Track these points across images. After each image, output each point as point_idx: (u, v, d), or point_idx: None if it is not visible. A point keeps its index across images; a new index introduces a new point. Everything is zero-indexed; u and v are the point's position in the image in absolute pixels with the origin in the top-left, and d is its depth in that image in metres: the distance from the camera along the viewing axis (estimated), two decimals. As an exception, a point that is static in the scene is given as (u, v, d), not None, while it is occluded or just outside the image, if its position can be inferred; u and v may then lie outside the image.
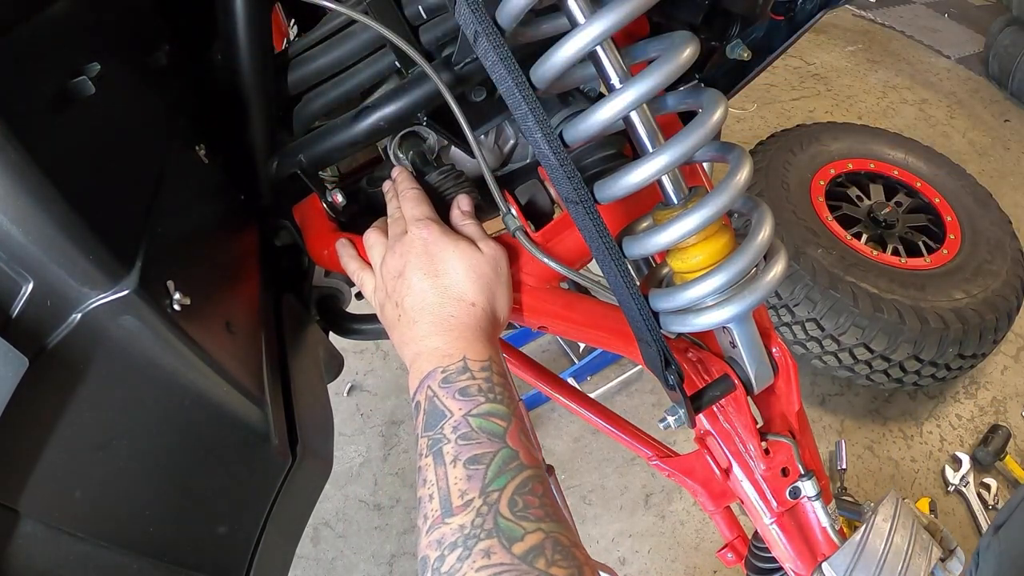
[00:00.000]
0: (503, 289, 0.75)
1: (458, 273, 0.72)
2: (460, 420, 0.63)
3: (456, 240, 0.74)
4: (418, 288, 0.72)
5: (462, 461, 0.60)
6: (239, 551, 0.79)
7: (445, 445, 0.61)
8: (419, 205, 0.77)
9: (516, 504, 0.57)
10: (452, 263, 0.72)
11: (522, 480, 0.59)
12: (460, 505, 0.57)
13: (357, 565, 1.93)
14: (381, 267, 0.76)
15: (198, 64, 0.90)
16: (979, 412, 2.34)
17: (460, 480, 0.59)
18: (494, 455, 0.60)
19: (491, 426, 0.62)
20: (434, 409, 0.64)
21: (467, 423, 0.62)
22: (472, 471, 0.59)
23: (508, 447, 0.61)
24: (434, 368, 0.67)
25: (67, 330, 0.55)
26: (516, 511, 0.56)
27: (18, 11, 0.58)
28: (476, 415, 0.63)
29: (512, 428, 0.63)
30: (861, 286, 2.07)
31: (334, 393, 1.66)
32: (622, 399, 2.29)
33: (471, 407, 0.63)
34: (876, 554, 0.79)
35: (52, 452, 0.55)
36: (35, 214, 0.51)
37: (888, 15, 4.30)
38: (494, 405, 0.64)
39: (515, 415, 0.64)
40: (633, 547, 1.98)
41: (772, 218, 0.67)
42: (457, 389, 0.65)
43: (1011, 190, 3.12)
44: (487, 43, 0.61)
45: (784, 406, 0.82)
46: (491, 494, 0.57)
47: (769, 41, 1.09)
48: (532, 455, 0.62)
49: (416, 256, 0.73)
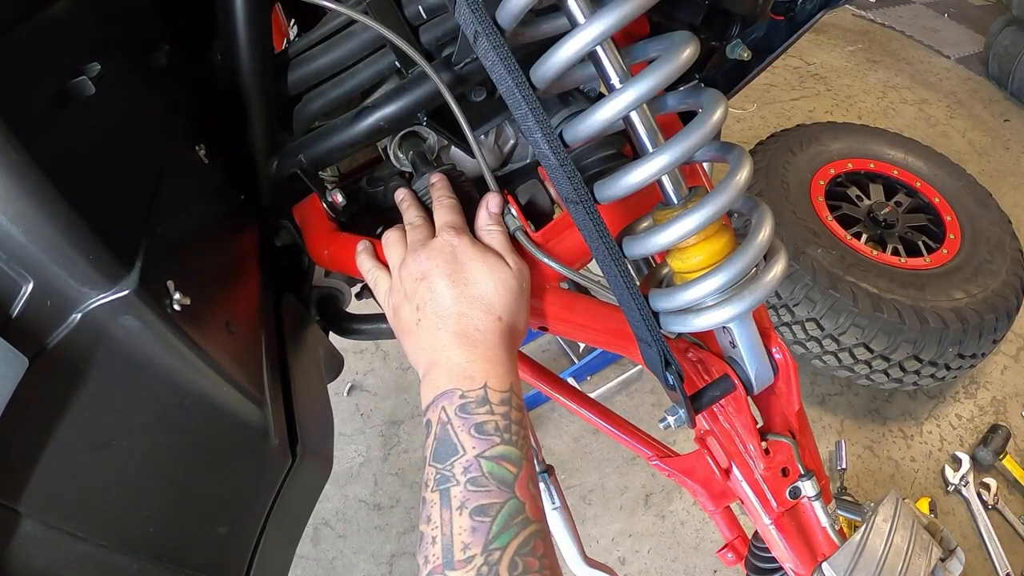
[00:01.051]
0: (525, 305, 0.74)
1: (487, 285, 0.70)
2: (472, 461, 0.61)
3: (485, 252, 0.72)
4: (444, 294, 0.70)
5: (468, 510, 0.59)
6: (239, 551, 0.79)
7: (454, 488, 0.61)
8: (453, 213, 0.76)
9: (516, 567, 0.57)
10: (482, 274, 0.71)
11: (525, 538, 0.59)
12: (462, 560, 0.57)
13: (357, 565, 1.93)
14: (400, 268, 0.74)
15: (198, 64, 0.90)
16: (979, 412, 2.34)
17: (464, 531, 0.58)
18: (501, 507, 0.59)
19: (502, 473, 0.61)
20: (447, 439, 0.63)
21: (479, 466, 0.61)
22: (477, 523, 0.59)
23: (516, 498, 0.60)
24: (452, 388, 0.65)
25: (67, 330, 0.55)
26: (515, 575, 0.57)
27: (18, 11, 0.58)
28: (488, 457, 0.62)
29: (522, 475, 0.62)
30: (861, 286, 2.07)
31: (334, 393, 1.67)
32: (622, 399, 2.29)
33: (485, 448, 0.62)
34: (876, 554, 0.79)
35: (52, 452, 0.55)
36: (35, 214, 0.51)
37: (888, 15, 4.30)
38: (508, 448, 0.63)
39: (527, 459, 0.64)
40: (633, 547, 1.98)
41: (772, 218, 0.67)
42: (474, 424, 0.63)
43: (1011, 190, 3.12)
44: (487, 43, 0.61)
45: (784, 406, 0.82)
46: (493, 552, 0.57)
47: (769, 41, 1.09)
48: (537, 507, 0.62)
49: (444, 262, 0.71)
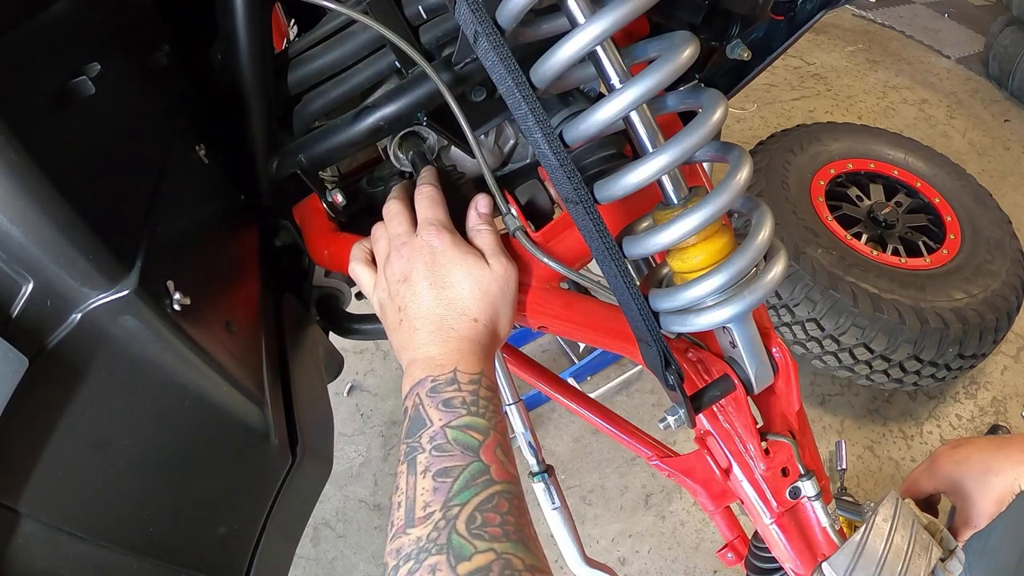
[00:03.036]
0: (507, 308, 0.75)
1: (464, 288, 0.72)
2: (438, 431, 0.63)
3: (466, 254, 0.73)
4: (423, 297, 0.72)
5: (432, 472, 0.60)
6: (239, 551, 0.79)
7: (420, 455, 0.62)
8: (433, 207, 0.76)
9: (475, 520, 0.56)
10: (459, 277, 0.72)
11: (488, 495, 0.59)
12: (421, 517, 0.57)
13: (357, 565, 1.93)
14: (385, 268, 0.76)
15: (198, 64, 0.90)
16: (979, 412, 2.34)
17: (426, 492, 0.59)
18: (464, 468, 0.60)
19: (467, 439, 0.62)
20: (417, 416, 0.65)
21: (444, 434, 0.62)
22: (439, 483, 0.59)
23: (480, 461, 0.61)
24: (425, 376, 0.67)
25: (67, 330, 0.55)
26: (472, 528, 0.56)
27: (18, 11, 0.58)
28: (454, 427, 0.63)
29: (489, 441, 0.63)
30: (861, 286, 2.07)
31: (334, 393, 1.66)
32: (622, 399, 2.28)
33: (451, 418, 0.63)
34: (876, 554, 0.79)
35: (52, 452, 0.55)
36: (35, 214, 0.51)
37: (888, 15, 4.30)
38: (474, 418, 0.64)
39: (496, 429, 0.64)
40: (633, 547, 1.98)
41: (772, 218, 0.67)
42: (442, 400, 0.65)
43: (1011, 190, 3.12)
44: (487, 43, 0.61)
45: (784, 406, 0.82)
46: (452, 508, 0.57)
47: (769, 41, 1.09)
48: (506, 470, 0.62)
49: (424, 264, 0.72)
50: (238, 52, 0.80)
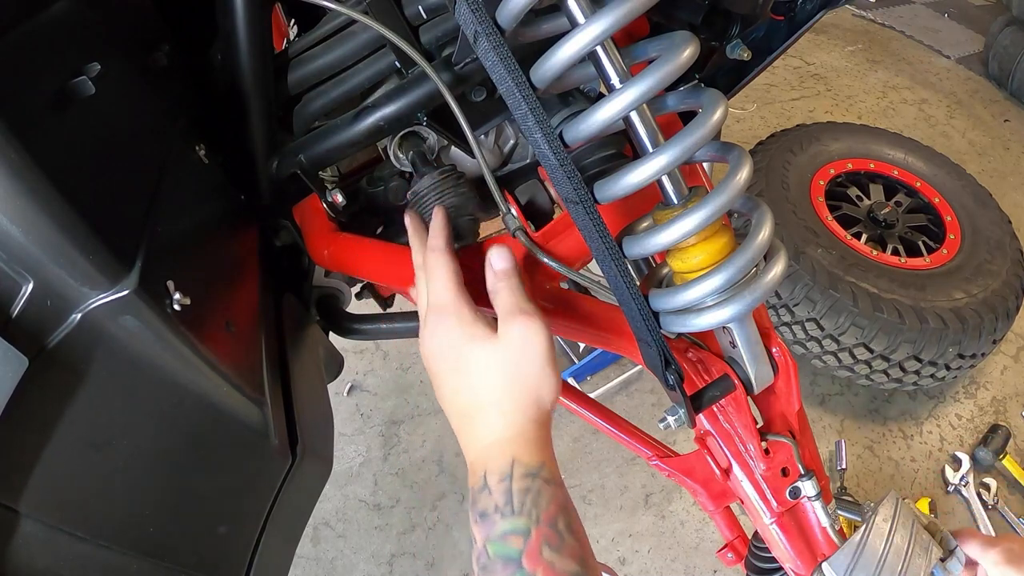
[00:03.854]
0: (540, 372, 0.67)
1: (480, 376, 0.67)
2: (481, 551, 0.62)
3: (471, 339, 0.68)
4: (446, 385, 0.70)
5: None
6: (239, 551, 0.79)
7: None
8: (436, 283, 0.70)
9: None
10: (473, 363, 0.68)
11: None
12: None
13: (357, 565, 1.93)
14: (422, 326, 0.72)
15: (198, 64, 0.90)
16: (979, 412, 2.34)
17: None
18: None
19: (506, 551, 0.61)
20: (472, 538, 0.64)
21: (486, 553, 0.62)
22: None
23: (522, 570, 0.60)
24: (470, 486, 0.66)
25: (67, 330, 0.55)
26: None
27: (18, 11, 0.58)
28: (493, 540, 0.62)
29: (532, 542, 0.60)
30: (861, 286, 2.07)
31: (334, 393, 1.66)
32: (622, 399, 2.28)
33: (488, 532, 0.62)
34: (876, 554, 0.79)
35: (52, 452, 0.55)
36: (35, 214, 0.51)
37: (888, 15, 4.30)
38: (512, 521, 0.62)
39: (541, 521, 0.62)
40: (633, 547, 1.98)
41: (772, 218, 0.67)
42: (479, 512, 0.64)
43: (1011, 190, 3.12)
44: (487, 43, 0.61)
45: (784, 406, 0.82)
46: None
47: (769, 41, 1.09)
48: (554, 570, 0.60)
49: (442, 357, 0.70)
50: (238, 52, 0.80)
